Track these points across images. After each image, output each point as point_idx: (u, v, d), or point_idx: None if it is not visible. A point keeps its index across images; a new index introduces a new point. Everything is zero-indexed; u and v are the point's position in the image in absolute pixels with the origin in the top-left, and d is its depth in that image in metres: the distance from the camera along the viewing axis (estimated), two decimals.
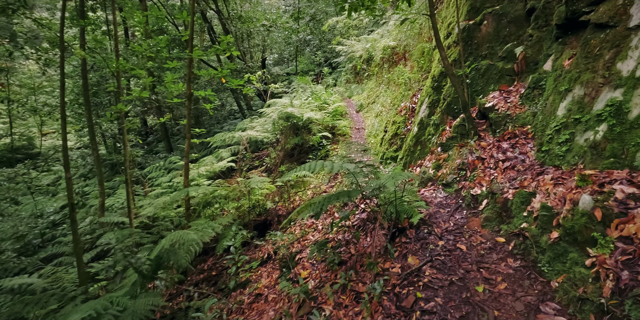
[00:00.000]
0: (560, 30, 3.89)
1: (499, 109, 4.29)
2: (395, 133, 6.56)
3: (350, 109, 12.49)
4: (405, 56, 10.06)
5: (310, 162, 3.15)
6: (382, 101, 9.95)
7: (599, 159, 2.74)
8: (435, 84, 5.64)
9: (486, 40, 4.93)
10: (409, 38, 10.36)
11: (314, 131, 8.30)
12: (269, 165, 10.05)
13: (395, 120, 6.76)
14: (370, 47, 14.30)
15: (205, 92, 6.43)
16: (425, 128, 5.63)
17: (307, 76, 18.70)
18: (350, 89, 15.46)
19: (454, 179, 4.25)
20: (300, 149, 8.44)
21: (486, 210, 3.35)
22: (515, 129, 3.96)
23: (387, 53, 11.64)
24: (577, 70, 3.34)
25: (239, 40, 16.89)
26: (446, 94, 5.29)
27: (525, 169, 3.36)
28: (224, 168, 10.86)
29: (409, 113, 6.56)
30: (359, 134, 9.18)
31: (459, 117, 4.95)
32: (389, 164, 6.29)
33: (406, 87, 8.16)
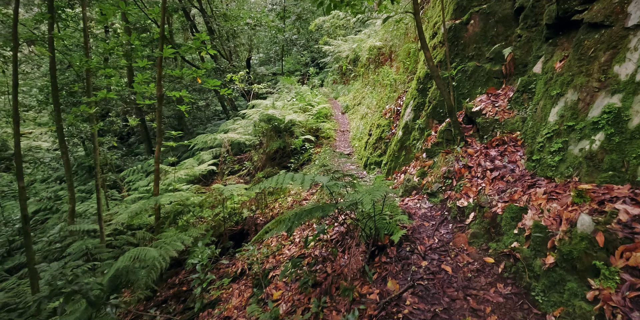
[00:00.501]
0: (550, 31, 3.66)
1: (486, 114, 4.03)
2: (380, 137, 6.28)
3: (336, 111, 12.20)
4: (391, 57, 9.81)
5: (279, 174, 2.83)
6: (367, 103, 9.68)
7: (596, 172, 2.49)
8: (421, 86, 5.38)
9: (473, 40, 4.68)
10: (395, 38, 10.12)
11: (297, 134, 7.97)
12: (250, 168, 9.68)
13: (380, 124, 6.48)
14: (356, 48, 14.04)
15: (179, 93, 6.03)
16: (410, 132, 5.36)
17: (292, 76, 18.35)
18: (337, 90, 15.17)
19: (439, 188, 3.97)
20: (283, 152, 8.10)
21: (473, 225, 3.08)
22: (504, 135, 3.70)
23: (373, 53, 11.39)
24: (570, 73, 3.09)
25: (222, 39, 16.41)
26: (432, 97, 5.03)
27: (515, 180, 3.10)
28: (205, 171, 10.44)
29: (393, 116, 6.29)
30: (343, 136, 8.89)
31: (444, 121, 4.69)
32: (373, 170, 6.01)
33: (391, 88, 7.90)
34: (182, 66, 19.27)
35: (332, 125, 9.83)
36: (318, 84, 17.05)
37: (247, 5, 19.10)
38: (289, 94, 13.13)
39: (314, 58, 23.80)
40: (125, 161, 15.90)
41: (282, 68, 18.51)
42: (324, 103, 10.65)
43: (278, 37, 17.70)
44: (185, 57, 18.31)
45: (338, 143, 8.39)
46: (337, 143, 8.39)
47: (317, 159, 7.33)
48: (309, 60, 23.59)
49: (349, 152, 7.48)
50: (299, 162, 7.60)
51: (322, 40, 18.28)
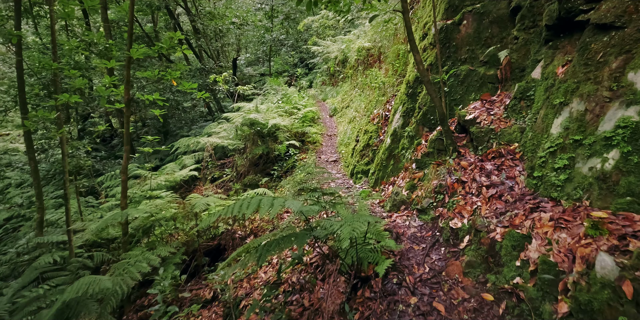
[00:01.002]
0: (550, 32, 3.33)
1: (481, 123, 3.69)
2: (367, 144, 5.91)
3: (324, 113, 11.83)
4: (380, 58, 9.47)
5: (245, 198, 2.44)
6: (356, 106, 9.33)
7: (610, 196, 2.15)
8: (410, 90, 5.03)
9: (466, 42, 4.35)
10: (384, 39, 9.79)
11: (281, 139, 7.56)
12: (232, 176, 9.23)
13: (367, 130, 6.12)
14: (345, 48, 13.70)
15: (152, 97, 5.57)
16: (398, 140, 5.01)
17: (280, 77, 17.92)
18: (325, 92, 14.80)
19: (430, 204, 3.62)
20: (267, 158, 7.69)
21: (468, 251, 2.72)
22: (501, 147, 3.36)
23: (362, 55, 11.05)
24: (575, 80, 2.76)
25: (207, 39, 15.89)
26: (422, 103, 4.68)
27: (515, 199, 2.75)
28: (186, 177, 9.96)
29: (382, 122, 5.94)
30: (330, 141, 8.51)
31: (435, 129, 4.34)
32: (360, 179, 5.64)
33: (380, 92, 7.55)
34: (166, 67, 18.68)
35: (319, 129, 9.45)
36: (306, 85, 16.65)
37: (235, 4, 18.61)
38: (276, 96, 12.71)
39: (303, 59, 23.39)
40: (105, 165, 15.26)
41: (270, 69, 18.06)
42: (310, 106, 10.26)
43: (266, 37, 17.24)
44: (169, 58, 17.74)
45: (325, 148, 8.01)
46: (324, 148, 8.01)
47: (302, 166, 6.94)
48: (297, 61, 23.18)
49: (335, 158, 7.11)
50: (283, 169, 7.20)
51: (311, 41, 17.90)
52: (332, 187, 5.34)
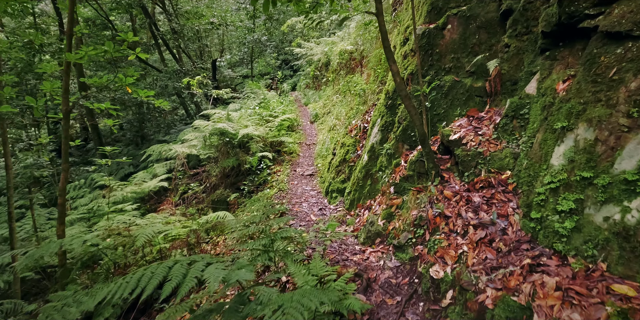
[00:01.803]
0: (548, 40, 2.83)
1: (467, 144, 3.17)
2: (344, 159, 5.36)
3: (305, 119, 11.25)
4: (362, 63, 8.95)
5: (176, 266, 1.85)
6: (336, 112, 8.78)
7: (636, 261, 1.63)
8: (390, 101, 4.49)
9: (450, 49, 3.83)
10: (366, 42, 9.27)
11: (254, 150, 6.95)
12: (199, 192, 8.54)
13: (345, 142, 5.57)
14: (328, 51, 13.16)
15: (102, 105, 4.91)
16: (376, 157, 4.46)
17: (262, 80, 17.28)
18: (308, 96, 14.23)
19: (408, 239, 3.07)
20: (238, 170, 7.06)
21: (452, 314, 2.17)
22: (490, 175, 2.84)
23: (344, 58, 10.52)
24: (581, 100, 2.25)
25: (184, 39, 15.13)
26: (402, 117, 4.14)
27: (509, 248, 2.22)
28: (156, 188, 9.25)
29: (360, 134, 5.39)
30: (309, 151, 7.94)
31: (416, 148, 3.81)
32: (335, 199, 5.07)
33: (360, 100, 7.02)
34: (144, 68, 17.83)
35: (298, 137, 8.86)
36: (288, 88, 16.05)
37: (217, 3, 17.87)
38: (255, 100, 12.08)
39: (288, 61, 22.77)
40: (74, 172, 14.32)
41: (252, 71, 17.40)
42: (289, 112, 9.67)
43: (247, 38, 16.57)
44: (146, 60, 16.90)
45: (302, 159, 7.43)
46: (301, 159, 7.43)
47: (275, 180, 6.34)
48: (281, 63, 22.54)
49: (311, 172, 6.53)
50: (254, 183, 6.58)
51: (295, 42, 17.33)
52: (300, 214, 4.76)
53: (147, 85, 15.33)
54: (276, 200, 5.37)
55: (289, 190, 5.76)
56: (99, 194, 10.44)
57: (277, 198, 5.46)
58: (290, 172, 6.68)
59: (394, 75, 3.04)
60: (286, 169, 6.86)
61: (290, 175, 6.53)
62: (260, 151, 7.10)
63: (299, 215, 4.72)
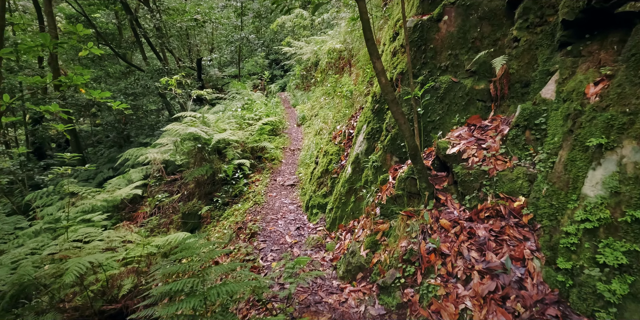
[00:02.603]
0: (570, 31, 2.25)
1: (469, 160, 2.57)
2: (326, 169, 4.74)
3: (292, 122, 10.62)
4: (350, 62, 8.36)
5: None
6: (323, 115, 8.16)
7: None
8: (377, 105, 3.89)
9: (447, 44, 3.23)
10: (355, 40, 8.68)
11: (230, 157, 6.29)
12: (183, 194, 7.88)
13: (328, 151, 4.95)
14: (318, 50, 12.56)
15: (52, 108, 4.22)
16: (361, 170, 3.85)
17: (249, 80, 16.61)
18: (296, 97, 13.60)
19: (396, 279, 2.46)
20: (213, 179, 6.41)
21: None
22: (499, 202, 2.24)
23: (333, 57, 9.92)
24: (625, 108, 1.66)
25: (167, 37, 14.40)
26: (390, 123, 3.54)
27: (530, 313, 1.62)
28: (130, 196, 8.54)
29: (344, 141, 4.78)
30: (293, 158, 7.30)
31: (407, 162, 3.21)
32: (316, 215, 4.44)
33: (348, 102, 6.41)
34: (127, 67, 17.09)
35: (282, 142, 8.23)
36: (276, 89, 15.41)
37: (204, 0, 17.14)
38: (240, 102, 11.42)
39: (279, 60, 22.11)
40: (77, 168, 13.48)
41: (239, 70, 16.71)
42: (274, 114, 9.03)
43: (234, 36, 15.89)
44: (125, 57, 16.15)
45: (284, 167, 6.79)
46: (283, 167, 6.79)
47: (251, 192, 5.70)
48: (271, 63, 21.87)
49: (293, 181, 5.90)
50: (229, 194, 5.93)
51: (285, 42, 16.72)
52: (274, 235, 4.13)
53: (128, 84, 14.58)
54: (249, 217, 4.73)
55: (266, 203, 5.13)
56: (67, 201, 9.71)
57: (251, 213, 4.82)
58: (270, 181, 6.05)
59: (378, 74, 2.43)
60: (266, 178, 6.22)
61: (270, 185, 5.89)
62: (238, 158, 6.45)
63: (273, 235, 4.08)
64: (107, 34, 17.43)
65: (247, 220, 4.66)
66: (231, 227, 4.71)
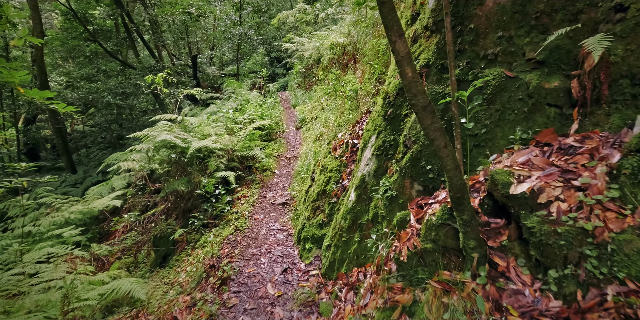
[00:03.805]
0: None
1: (551, 207, 1.54)
2: (323, 190, 3.72)
3: (290, 124, 9.62)
4: (355, 57, 7.32)
5: None
6: (324, 118, 7.15)
7: None
8: (390, 110, 2.86)
9: (495, 23, 2.20)
10: (361, 33, 7.64)
11: (212, 168, 5.31)
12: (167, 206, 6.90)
13: (327, 166, 3.92)
14: (320, 46, 11.54)
15: None
16: (369, 199, 2.83)
17: (247, 79, 15.65)
18: (297, 97, 12.60)
19: None
20: (191, 194, 5.43)
21: None
22: (629, 302, 1.21)
23: (336, 53, 8.89)
24: None
25: (158, 31, 13.46)
26: (411, 136, 2.52)
27: None
28: (109, 207, 7.59)
29: (347, 155, 3.75)
30: (288, 168, 6.30)
31: (438, 193, 2.18)
32: (309, 252, 3.43)
33: (352, 104, 5.39)
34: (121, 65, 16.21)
35: (277, 148, 7.23)
36: (275, 88, 14.41)
37: None
38: (235, 102, 10.45)
39: (281, 58, 21.11)
40: (34, 180, 12.60)
41: (238, 68, 15.73)
42: (269, 117, 8.02)
43: (232, 32, 14.91)
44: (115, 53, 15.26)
45: (276, 179, 5.79)
46: (275, 179, 5.79)
47: (235, 212, 4.70)
48: (273, 60, 20.88)
49: (285, 199, 4.90)
50: (209, 214, 4.94)
51: (287, 38, 15.72)
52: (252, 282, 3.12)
53: (118, 83, 13.66)
54: (226, 249, 3.74)
55: (250, 230, 4.13)
56: (41, 212, 8.77)
57: (230, 245, 3.83)
58: (259, 198, 5.05)
59: (401, 62, 1.41)
60: (254, 193, 5.22)
61: (257, 203, 4.89)
62: (222, 169, 5.46)
63: (251, 283, 3.08)
64: (103, 31, 16.56)
65: (222, 254, 3.66)
66: (204, 263, 3.72)
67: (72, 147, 18.59)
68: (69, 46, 16.55)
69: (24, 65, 16.60)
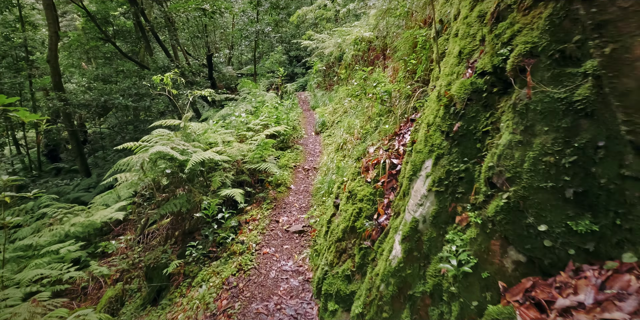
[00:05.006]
0: None
1: None
2: (352, 226, 2.78)
3: (309, 129, 8.72)
4: (385, 53, 6.33)
5: None
6: (348, 124, 6.21)
7: None
8: (457, 123, 1.88)
9: None
10: (391, 25, 6.63)
11: (216, 185, 4.47)
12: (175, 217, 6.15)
13: (355, 191, 2.97)
14: (342, 42, 10.58)
15: None
16: (425, 259, 1.87)
17: (264, 78, 14.87)
18: (316, 97, 11.69)
19: None
20: (189, 216, 4.62)
21: None
22: None
23: (360, 49, 7.92)
24: None
25: (171, 29, 12.86)
26: (504, 167, 1.54)
27: None
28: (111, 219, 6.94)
29: (384, 179, 2.79)
30: (306, 182, 5.39)
31: (561, 277, 1.20)
32: (332, 316, 2.50)
33: (383, 108, 4.43)
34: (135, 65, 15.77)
35: (294, 157, 6.34)
36: (292, 89, 13.54)
37: None
38: (249, 104, 9.65)
39: (300, 57, 20.27)
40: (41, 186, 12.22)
41: (255, 67, 14.98)
42: (285, 121, 7.13)
43: (249, 29, 14.17)
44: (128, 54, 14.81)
45: (292, 197, 4.89)
46: (291, 197, 4.89)
47: (240, 242, 3.83)
48: (292, 59, 20.07)
49: (302, 226, 3.99)
50: (210, 242, 4.09)
51: (306, 35, 14.85)
52: None
53: (132, 84, 13.15)
54: (224, 300, 2.86)
55: (256, 270, 3.25)
56: (45, 223, 8.22)
57: (230, 292, 2.95)
58: (270, 223, 4.17)
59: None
60: (264, 216, 4.35)
61: (268, 230, 4.01)
62: (228, 186, 4.61)
63: None
64: (123, 31, 16.22)
65: (219, 308, 2.79)
66: (196, 319, 2.86)
67: (90, 149, 18.38)
68: (87, 47, 16.31)
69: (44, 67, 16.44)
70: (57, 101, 11.47)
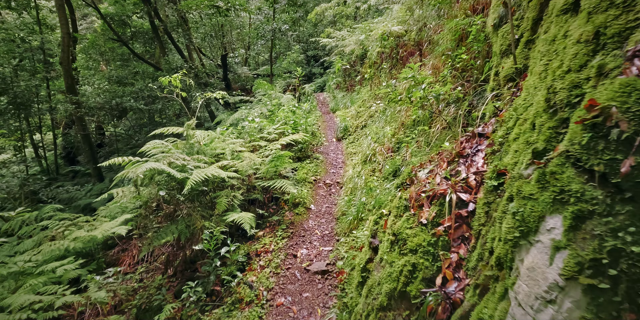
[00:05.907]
0: None
1: None
2: (403, 291, 1.93)
3: (330, 134, 7.89)
4: (421, 49, 5.42)
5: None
6: (376, 130, 5.35)
7: None
8: (613, 160, 1.01)
9: None
10: (425, 17, 5.70)
11: (222, 208, 3.70)
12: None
13: (403, 236, 2.13)
14: (365, 39, 9.71)
15: None
16: None
17: (280, 79, 14.14)
18: (336, 99, 10.84)
19: None
20: (189, 246, 3.87)
21: None
22: None
23: (388, 45, 7.02)
24: None
25: (184, 28, 12.29)
26: None
27: None
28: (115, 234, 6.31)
29: (449, 222, 1.93)
30: (329, 200, 4.57)
31: None
32: None
33: (423, 113, 3.56)
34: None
35: (313, 169, 5.52)
36: (311, 90, 12.73)
37: None
38: (264, 107, 8.90)
39: (318, 57, 19.47)
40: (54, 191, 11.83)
41: (272, 67, 14.27)
42: (303, 127, 6.32)
43: (265, 28, 13.47)
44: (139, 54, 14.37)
45: (313, 221, 4.07)
46: (311, 221, 4.07)
47: (248, 283, 3.04)
48: (309, 59, 19.31)
49: (326, 264, 3.17)
50: (210, 283, 3.32)
51: (325, 33, 14.06)
52: None
53: (145, 85, 12.68)
54: None
55: None
56: (46, 235, 7.68)
57: None
58: (286, 258, 3.36)
59: None
60: (279, 248, 3.54)
61: (284, 268, 3.21)
62: (236, 208, 3.84)
63: None
64: (140, 33, 15.88)
65: None
66: None
67: (107, 152, 18.12)
68: (102, 49, 16.06)
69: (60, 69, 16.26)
70: (68, 104, 11.08)
